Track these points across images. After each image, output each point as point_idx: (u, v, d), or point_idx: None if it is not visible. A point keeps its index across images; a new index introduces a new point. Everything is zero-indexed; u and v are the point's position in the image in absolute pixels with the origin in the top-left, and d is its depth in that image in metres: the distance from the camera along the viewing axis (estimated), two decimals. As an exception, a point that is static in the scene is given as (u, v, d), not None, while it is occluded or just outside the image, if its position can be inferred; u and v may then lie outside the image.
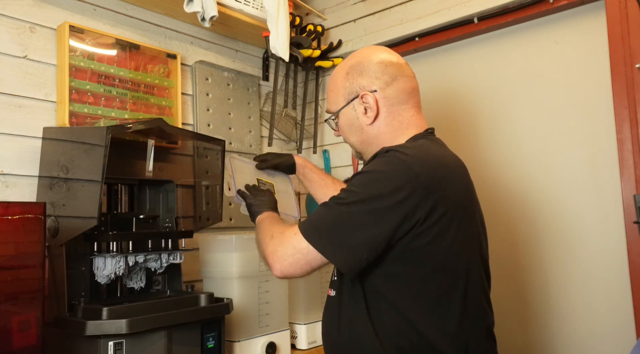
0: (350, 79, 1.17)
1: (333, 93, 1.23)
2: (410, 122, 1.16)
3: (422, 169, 0.98)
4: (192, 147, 1.70)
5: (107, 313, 1.12)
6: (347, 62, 1.21)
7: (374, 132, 1.16)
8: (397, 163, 0.99)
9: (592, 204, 1.65)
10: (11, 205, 1.10)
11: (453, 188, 1.02)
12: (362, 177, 1.02)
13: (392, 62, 1.17)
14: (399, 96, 1.15)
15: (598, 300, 1.63)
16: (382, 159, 1.03)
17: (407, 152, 1.02)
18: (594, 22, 1.67)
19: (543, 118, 1.76)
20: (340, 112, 1.21)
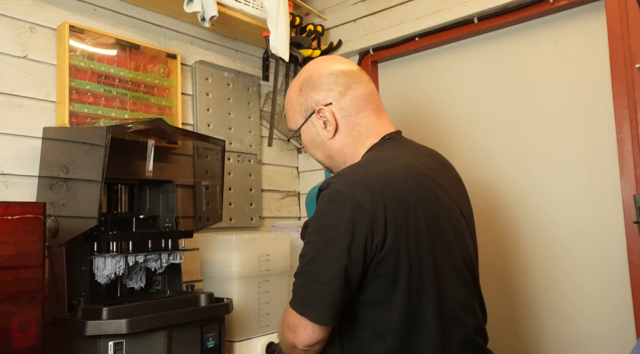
0: (304, 95, 1.16)
1: (290, 111, 1.22)
2: (369, 130, 1.14)
3: (363, 196, 0.96)
4: (192, 147, 1.70)
5: (107, 313, 1.12)
6: (299, 77, 1.20)
7: (336, 145, 1.15)
8: (338, 199, 0.97)
9: (592, 204, 1.65)
10: (11, 205, 1.10)
11: (402, 204, 0.98)
12: (313, 223, 1.01)
13: (344, 71, 1.15)
14: (355, 105, 1.13)
15: (598, 300, 1.63)
16: (324, 198, 1.00)
17: (345, 180, 0.99)
18: (594, 22, 1.67)
19: (543, 118, 1.76)
20: (300, 129, 1.19)
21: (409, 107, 2.06)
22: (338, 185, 0.99)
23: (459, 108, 1.96)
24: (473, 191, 1.89)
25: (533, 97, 1.79)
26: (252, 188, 2.07)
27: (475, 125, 1.92)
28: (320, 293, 0.96)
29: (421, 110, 2.04)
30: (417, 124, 2.03)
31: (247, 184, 2.05)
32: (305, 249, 1.00)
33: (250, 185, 2.07)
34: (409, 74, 2.10)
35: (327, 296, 0.96)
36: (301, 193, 2.32)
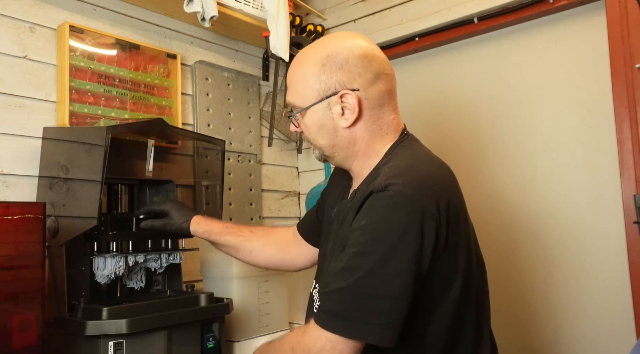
0: (328, 72, 1.00)
1: (301, 84, 1.04)
2: (389, 127, 1.04)
3: (428, 197, 0.89)
4: (192, 147, 1.70)
5: (107, 313, 1.12)
6: (320, 49, 1.03)
7: (350, 136, 1.03)
8: (403, 202, 0.87)
9: (592, 204, 1.65)
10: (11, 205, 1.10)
11: (455, 203, 0.95)
12: (369, 231, 0.88)
13: (376, 57, 1.02)
14: (381, 97, 1.02)
15: (598, 300, 1.63)
16: (382, 201, 0.89)
17: (407, 181, 0.90)
18: (594, 22, 1.67)
19: (543, 118, 1.76)
20: (309, 108, 1.04)
21: (408, 107, 2.06)
22: (402, 187, 0.88)
23: (459, 108, 1.96)
24: (473, 191, 1.89)
25: (533, 97, 1.79)
26: (252, 188, 2.07)
27: (476, 125, 1.92)
28: (385, 310, 0.84)
29: (421, 110, 2.04)
30: (417, 124, 2.03)
31: (247, 184, 2.05)
32: (355, 261, 0.87)
33: (250, 185, 2.07)
34: (409, 74, 2.10)
35: (395, 313, 0.85)
36: (301, 193, 2.32)
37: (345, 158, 1.07)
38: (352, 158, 1.06)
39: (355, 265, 0.87)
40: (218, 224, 1.34)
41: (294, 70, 1.07)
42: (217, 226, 1.34)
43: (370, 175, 1.01)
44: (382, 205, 0.89)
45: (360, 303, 0.85)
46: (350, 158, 1.06)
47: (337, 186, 1.20)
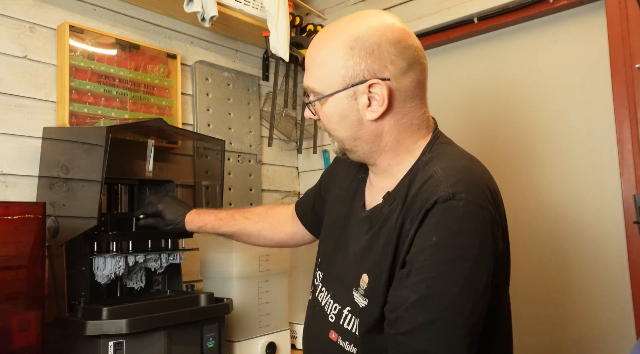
0: (356, 57, 0.88)
1: (324, 68, 0.92)
2: (421, 121, 0.94)
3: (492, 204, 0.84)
4: (192, 147, 1.70)
5: (107, 313, 1.12)
6: (350, 29, 0.90)
7: (376, 129, 0.92)
8: (475, 212, 0.80)
9: (592, 204, 1.65)
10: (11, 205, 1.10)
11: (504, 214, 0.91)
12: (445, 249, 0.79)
13: (410, 45, 0.90)
14: (413, 89, 0.91)
15: (598, 300, 1.63)
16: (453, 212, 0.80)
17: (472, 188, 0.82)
18: (594, 22, 1.67)
19: (543, 118, 1.76)
20: (332, 96, 0.92)
21: (409, 107, 2.06)
22: (470, 195, 0.81)
23: (458, 109, 1.96)
24: (473, 191, 1.89)
25: (533, 97, 1.79)
26: (252, 188, 2.07)
27: (475, 125, 1.92)
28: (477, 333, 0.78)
29: (421, 110, 2.04)
30: (417, 124, 2.03)
31: (247, 184, 2.05)
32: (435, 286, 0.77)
33: (250, 185, 2.07)
34: (409, 74, 2.09)
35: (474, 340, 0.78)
36: (301, 193, 2.32)
37: (369, 153, 0.95)
38: (377, 154, 0.95)
39: (438, 290, 0.77)
40: (211, 217, 1.32)
41: (317, 49, 0.94)
42: (210, 220, 1.32)
43: (410, 175, 0.91)
44: (455, 216, 0.80)
45: (456, 334, 0.76)
46: (375, 153, 0.95)
47: (346, 179, 1.09)
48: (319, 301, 1.03)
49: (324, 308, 1.01)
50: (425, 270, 0.79)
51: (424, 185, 0.85)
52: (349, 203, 1.04)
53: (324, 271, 1.05)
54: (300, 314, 1.65)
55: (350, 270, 0.96)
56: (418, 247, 0.81)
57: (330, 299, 0.99)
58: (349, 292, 0.94)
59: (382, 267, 0.87)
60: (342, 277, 0.98)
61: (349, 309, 0.94)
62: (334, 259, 1.03)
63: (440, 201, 0.81)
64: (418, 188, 0.86)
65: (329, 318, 0.97)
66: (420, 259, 0.80)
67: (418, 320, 0.77)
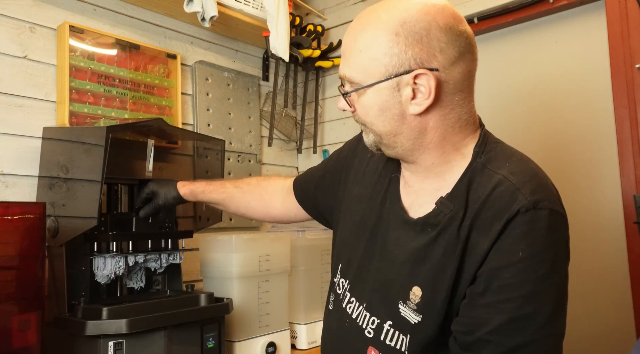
0: (402, 45, 0.79)
1: (365, 55, 0.82)
2: (469, 117, 0.86)
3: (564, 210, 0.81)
4: (192, 147, 1.70)
5: (107, 313, 1.12)
6: (395, 12, 0.80)
7: (420, 124, 0.83)
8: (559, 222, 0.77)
9: (592, 204, 1.65)
10: (11, 205, 1.10)
11: None
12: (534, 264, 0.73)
13: (463, 32, 0.82)
14: (462, 81, 0.83)
15: (598, 300, 1.63)
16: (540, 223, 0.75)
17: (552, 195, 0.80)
18: (594, 22, 1.67)
19: (543, 118, 1.76)
20: (372, 86, 0.82)
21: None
22: (551, 203, 0.77)
23: (459, 108, 1.96)
24: (473, 191, 1.89)
25: (533, 97, 1.79)
26: (252, 188, 2.07)
27: (475, 125, 1.92)
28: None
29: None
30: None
31: (247, 184, 2.05)
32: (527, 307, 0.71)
33: (250, 185, 2.06)
34: (409, 74, 2.10)
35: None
36: (301, 193, 2.32)
37: (410, 150, 0.86)
38: (418, 151, 0.86)
39: (530, 311, 0.71)
40: (202, 183, 1.35)
41: (357, 34, 0.84)
42: (200, 184, 1.34)
43: (468, 178, 0.83)
44: (541, 228, 0.74)
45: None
46: (416, 150, 0.86)
47: (372, 176, 1.00)
48: (348, 313, 0.94)
49: (355, 321, 0.91)
50: (512, 288, 0.72)
51: (493, 192, 0.78)
52: (380, 204, 0.94)
53: (350, 279, 0.95)
54: (301, 314, 1.65)
55: (395, 280, 0.87)
56: (499, 262, 0.74)
57: (366, 312, 0.90)
58: (393, 305, 0.86)
59: (441, 281, 0.80)
60: (382, 288, 0.89)
61: (390, 324, 0.86)
62: (365, 266, 0.93)
63: (522, 211, 0.74)
64: (487, 194, 0.79)
65: (366, 332, 0.89)
66: (504, 276, 0.73)
67: (507, 344, 0.72)
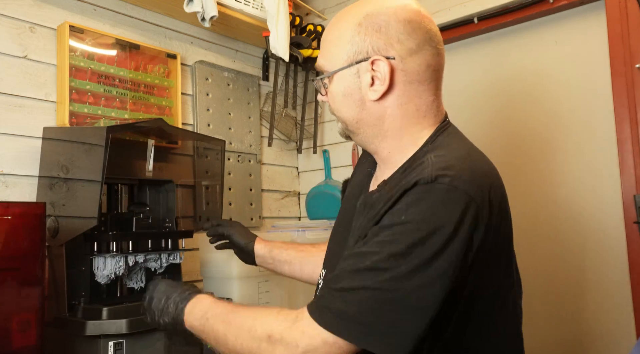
0: (362, 34, 0.86)
1: (333, 45, 0.90)
2: (428, 109, 0.89)
3: (482, 197, 0.76)
4: (192, 147, 1.70)
5: (107, 313, 1.12)
6: (363, 7, 0.88)
7: (378, 111, 0.88)
8: (457, 199, 0.74)
9: (592, 204, 1.65)
10: (11, 205, 1.10)
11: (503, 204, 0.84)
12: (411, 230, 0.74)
13: (423, 25, 0.88)
14: (421, 73, 0.87)
15: (598, 300, 1.63)
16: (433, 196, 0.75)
17: (462, 175, 0.76)
18: (594, 22, 1.67)
19: (543, 118, 1.76)
20: (336, 73, 0.89)
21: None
22: (456, 180, 0.75)
23: (458, 108, 1.96)
24: (473, 191, 1.89)
25: (533, 97, 1.79)
26: (252, 188, 2.07)
27: (475, 125, 1.92)
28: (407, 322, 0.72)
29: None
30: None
31: (247, 184, 2.05)
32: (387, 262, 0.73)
33: (250, 185, 2.07)
34: (409, 74, 2.10)
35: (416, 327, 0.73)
36: (301, 193, 2.32)
37: (371, 137, 0.91)
38: (379, 139, 0.91)
39: (387, 266, 0.73)
40: (277, 242, 1.30)
41: (329, 28, 0.93)
42: (276, 244, 1.29)
43: (407, 164, 0.87)
44: (432, 200, 0.74)
45: (381, 309, 0.72)
46: (377, 138, 0.91)
47: (359, 175, 1.06)
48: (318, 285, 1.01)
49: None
50: (386, 245, 0.74)
51: (413, 171, 0.80)
52: (356, 199, 0.99)
53: (326, 268, 1.01)
54: (300, 314, 1.65)
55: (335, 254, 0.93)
56: (384, 223, 0.77)
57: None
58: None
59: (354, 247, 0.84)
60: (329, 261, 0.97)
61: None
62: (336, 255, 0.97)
63: (421, 183, 0.76)
64: (408, 174, 0.82)
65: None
66: (382, 234, 0.76)
67: (352, 284, 0.74)
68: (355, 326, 0.73)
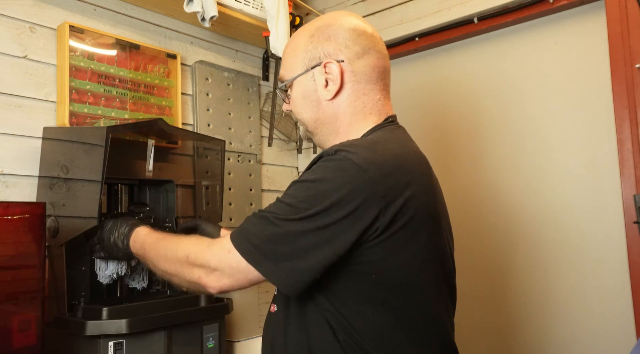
0: (315, 42, 1.00)
1: (291, 57, 1.03)
2: (374, 107, 1.00)
3: (378, 173, 0.83)
4: (192, 147, 1.70)
5: (107, 313, 1.12)
6: (314, 23, 1.03)
7: (332, 110, 1.00)
8: (348, 168, 0.83)
9: (592, 204, 1.65)
10: (11, 205, 1.10)
11: (416, 194, 0.88)
12: (307, 187, 0.85)
13: (367, 33, 1.00)
14: (368, 73, 0.99)
15: (598, 300, 1.63)
16: (329, 163, 0.86)
17: (361, 152, 0.85)
18: (594, 22, 1.67)
19: (543, 119, 1.76)
20: (295, 80, 1.02)
21: (408, 107, 2.06)
22: (352, 154, 0.84)
23: (458, 109, 1.96)
24: (472, 191, 1.89)
25: (533, 97, 1.79)
26: (252, 188, 2.07)
27: (475, 125, 1.92)
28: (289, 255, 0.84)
29: (421, 110, 2.04)
30: (416, 124, 2.03)
31: (247, 184, 2.05)
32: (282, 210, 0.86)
33: (250, 185, 2.07)
34: (409, 74, 2.10)
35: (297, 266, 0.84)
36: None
37: (327, 135, 1.03)
38: (333, 135, 1.02)
39: (286, 211, 0.85)
40: None
41: (288, 44, 1.07)
42: None
43: None
44: (327, 167, 0.86)
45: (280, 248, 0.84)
46: (331, 135, 1.02)
47: None
48: None
49: None
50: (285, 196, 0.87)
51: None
52: None
53: None
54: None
55: None
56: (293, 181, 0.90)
57: None
58: None
59: None
60: None
61: None
62: None
63: (324, 156, 0.88)
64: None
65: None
66: (289, 189, 0.89)
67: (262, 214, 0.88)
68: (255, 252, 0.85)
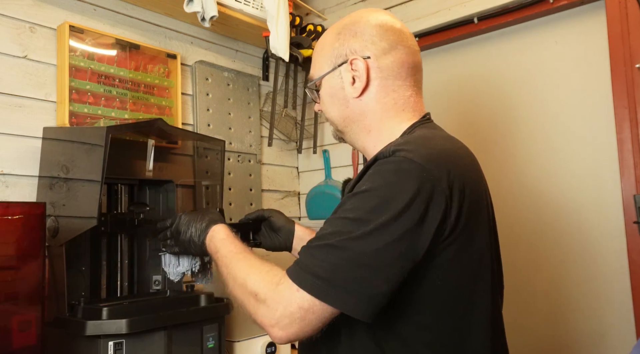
0: (341, 40, 0.98)
1: (318, 56, 1.03)
2: (405, 103, 0.97)
3: (439, 170, 0.80)
4: (192, 147, 1.70)
5: (107, 313, 1.12)
6: (342, 21, 1.02)
7: (360, 107, 0.97)
8: (411, 169, 0.79)
9: (592, 204, 1.65)
10: (11, 205, 1.10)
11: (473, 190, 0.86)
12: (369, 196, 0.80)
13: (394, 28, 0.97)
14: (396, 69, 0.96)
15: (598, 300, 1.63)
16: (388, 166, 0.81)
17: (418, 149, 0.82)
18: (594, 22, 1.67)
19: (543, 118, 1.76)
20: (323, 78, 1.01)
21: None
22: (411, 153, 0.81)
23: (459, 109, 1.96)
24: (473, 191, 1.89)
25: (533, 97, 1.79)
26: (252, 188, 2.07)
27: (476, 125, 1.92)
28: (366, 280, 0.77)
29: (421, 110, 2.04)
30: (417, 124, 2.03)
31: (247, 184, 2.05)
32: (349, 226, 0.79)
33: (250, 185, 2.07)
34: (409, 74, 2.10)
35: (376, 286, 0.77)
36: (301, 193, 2.32)
37: (357, 133, 1.00)
38: (363, 133, 0.99)
39: (349, 229, 0.79)
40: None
41: (317, 44, 1.05)
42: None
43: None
44: (387, 170, 0.81)
45: (340, 264, 0.78)
46: (362, 133, 0.99)
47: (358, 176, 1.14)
48: None
49: None
50: (348, 211, 0.81)
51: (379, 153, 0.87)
52: None
53: None
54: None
55: None
56: (349, 194, 0.85)
57: None
58: None
59: None
60: None
61: None
62: None
63: (380, 158, 0.84)
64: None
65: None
66: (348, 203, 0.83)
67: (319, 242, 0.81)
68: (324, 286, 0.78)
